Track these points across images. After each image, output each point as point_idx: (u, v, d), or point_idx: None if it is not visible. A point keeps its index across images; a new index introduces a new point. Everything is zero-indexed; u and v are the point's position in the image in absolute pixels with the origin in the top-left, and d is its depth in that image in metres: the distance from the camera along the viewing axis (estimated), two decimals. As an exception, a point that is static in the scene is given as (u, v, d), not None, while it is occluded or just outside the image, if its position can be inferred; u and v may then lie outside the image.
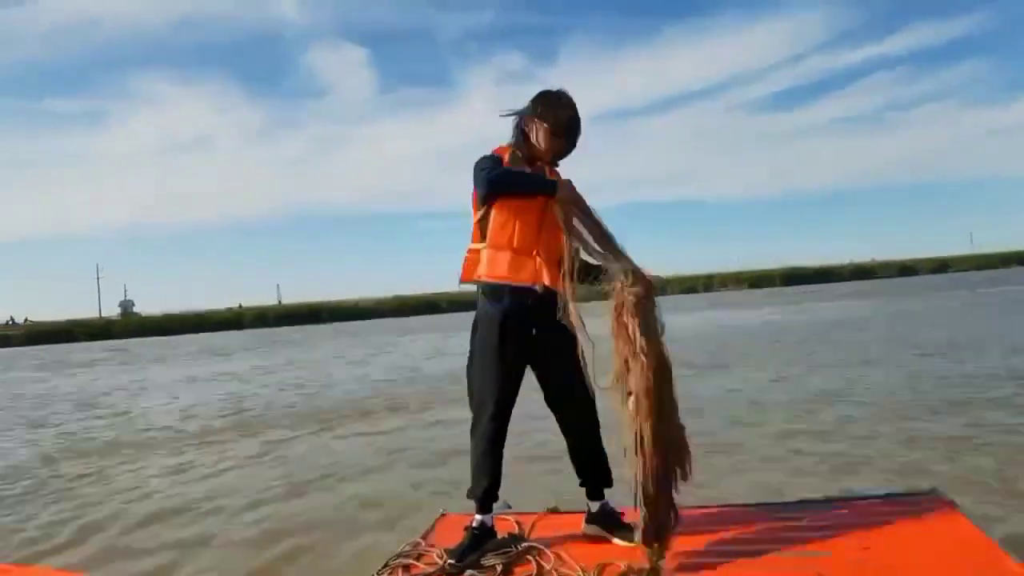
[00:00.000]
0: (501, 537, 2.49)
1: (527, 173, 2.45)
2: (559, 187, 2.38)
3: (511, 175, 2.41)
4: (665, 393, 2.12)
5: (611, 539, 2.45)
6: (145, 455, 6.65)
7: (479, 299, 2.50)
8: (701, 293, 55.57)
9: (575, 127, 2.50)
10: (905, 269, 64.94)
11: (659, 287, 2.25)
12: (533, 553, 2.35)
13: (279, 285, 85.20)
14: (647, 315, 2.14)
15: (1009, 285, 29.42)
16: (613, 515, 2.53)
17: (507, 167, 2.43)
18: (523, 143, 2.51)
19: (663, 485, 2.12)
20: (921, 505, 2.52)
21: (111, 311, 70.53)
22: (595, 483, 2.57)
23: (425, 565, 2.35)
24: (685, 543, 2.38)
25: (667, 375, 2.14)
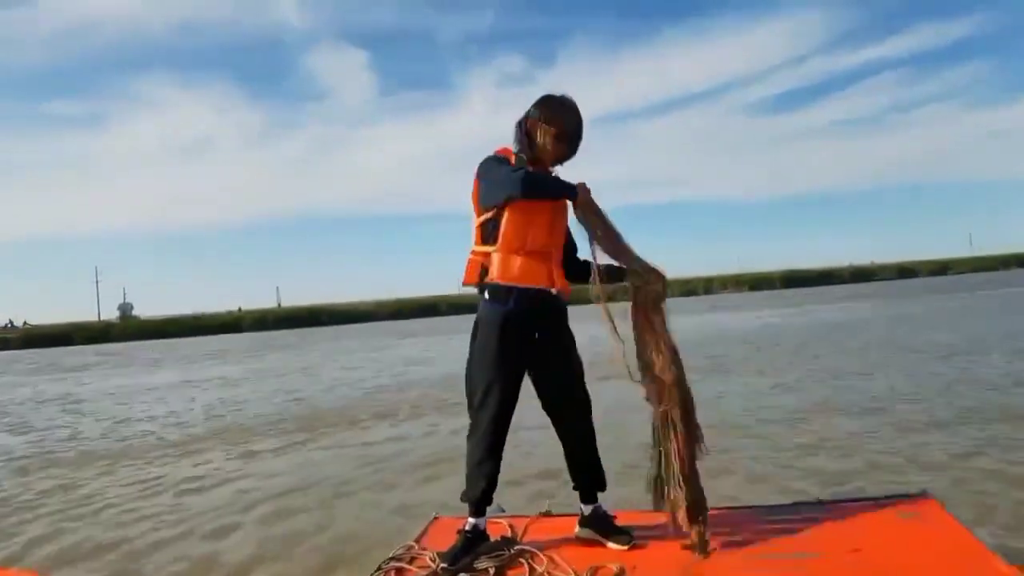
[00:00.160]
0: (494, 540, 2.49)
1: (554, 177, 2.45)
2: (579, 191, 2.41)
3: (541, 178, 2.40)
4: (686, 382, 2.36)
5: (605, 542, 2.46)
6: (116, 467, 6.30)
7: (481, 301, 2.47)
8: (701, 295, 55.51)
9: (580, 133, 2.51)
10: (905, 271, 64.96)
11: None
12: (526, 556, 2.36)
13: (279, 288, 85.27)
14: (665, 310, 2.37)
15: (1009, 287, 29.41)
16: (607, 518, 2.53)
17: (533, 170, 2.40)
18: (528, 146, 2.50)
19: (694, 466, 2.31)
20: (911, 507, 2.53)
21: (110, 314, 70.65)
22: (590, 487, 2.57)
23: (418, 568, 2.36)
24: (674, 546, 2.39)
25: (682, 365, 2.37)
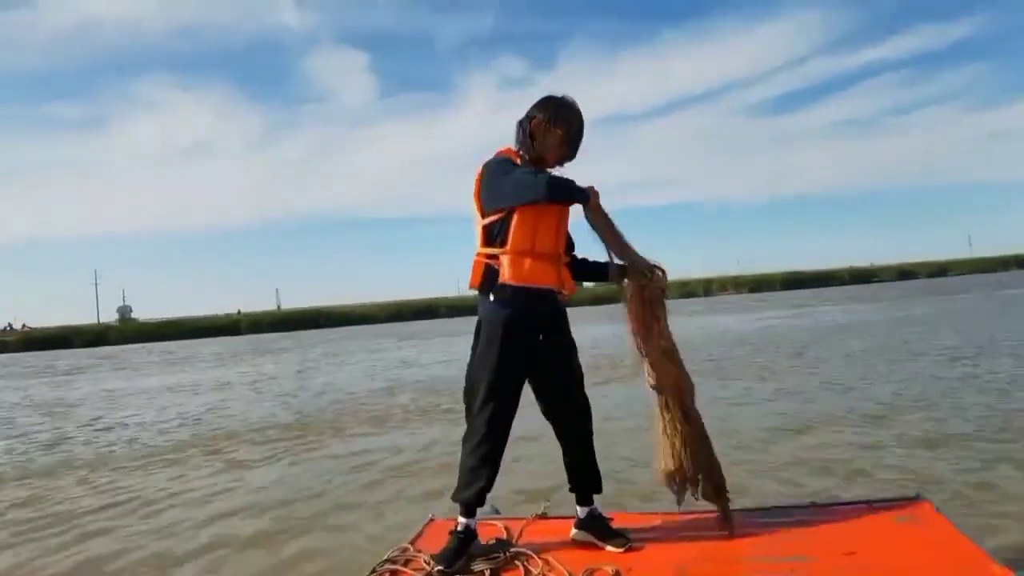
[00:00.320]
0: (489, 543, 2.49)
1: (573, 181, 2.42)
2: (591, 196, 2.42)
3: (564, 183, 2.38)
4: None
5: (601, 545, 2.45)
6: (95, 475, 6.19)
7: (486, 304, 2.45)
8: (700, 297, 55.52)
9: (582, 135, 2.53)
10: (904, 273, 65.03)
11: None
12: (521, 559, 2.35)
13: (278, 290, 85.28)
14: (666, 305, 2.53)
15: (1010, 288, 29.44)
16: (603, 521, 2.53)
17: (555, 175, 2.40)
18: (532, 147, 2.49)
19: (711, 447, 2.44)
20: (906, 510, 2.53)
21: (110, 316, 70.61)
22: (586, 489, 2.57)
23: (412, 570, 2.34)
24: (670, 549, 2.39)
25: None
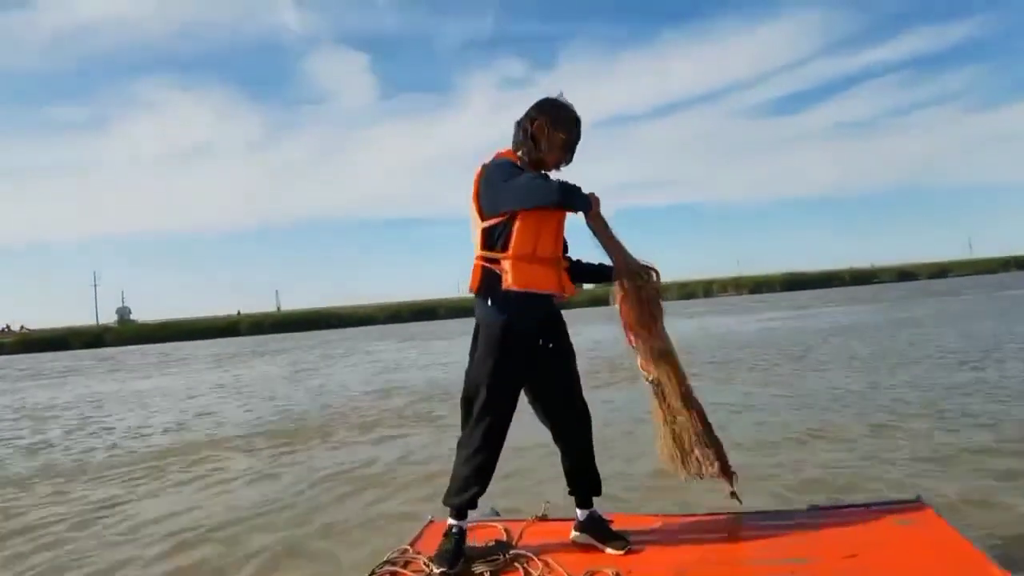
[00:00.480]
0: (489, 544, 2.49)
1: (580, 188, 2.41)
2: (594, 202, 2.42)
3: (573, 188, 2.37)
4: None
5: (600, 547, 2.45)
6: (70, 485, 5.96)
7: (485, 308, 2.43)
8: (700, 298, 55.54)
9: (580, 139, 2.54)
10: (905, 274, 65.07)
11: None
12: (521, 561, 2.35)
13: (278, 292, 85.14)
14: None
15: (1012, 290, 29.35)
16: (602, 523, 2.53)
17: (563, 180, 2.40)
18: (534, 149, 2.48)
19: (711, 428, 2.52)
20: (906, 513, 2.53)
21: (109, 318, 70.53)
22: (586, 492, 2.57)
23: (412, 572, 2.34)
24: (670, 551, 2.39)
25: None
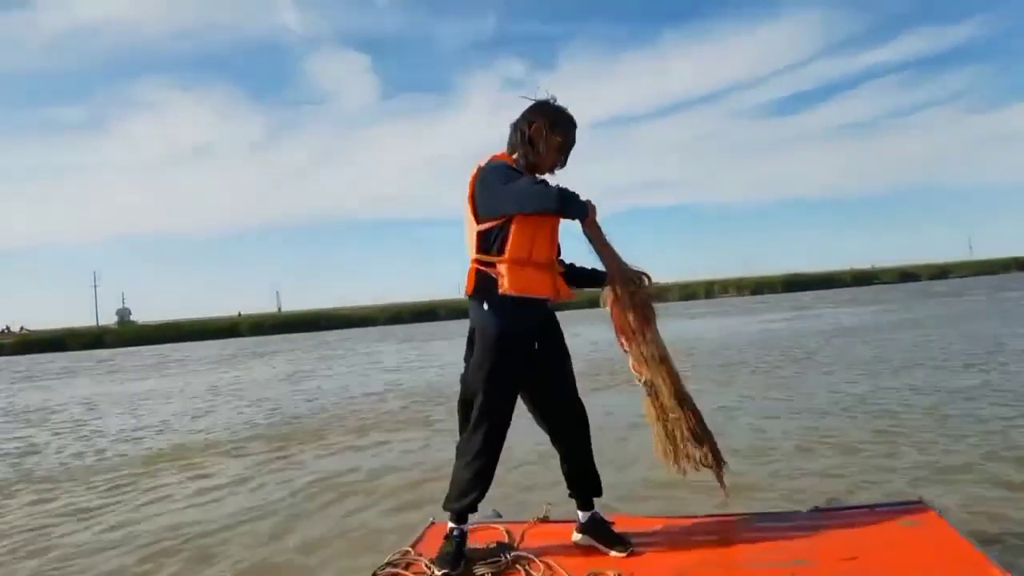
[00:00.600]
0: (490, 546, 2.48)
1: (578, 195, 2.38)
2: (591, 210, 2.42)
3: (572, 195, 2.35)
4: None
5: (602, 548, 2.45)
6: (54, 491, 5.89)
7: (480, 312, 2.42)
8: (702, 299, 55.48)
9: (575, 143, 2.54)
10: (906, 275, 64.99)
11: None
12: (523, 562, 2.35)
13: (279, 292, 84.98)
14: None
15: (1013, 291, 29.29)
16: (604, 525, 2.53)
17: (562, 186, 2.38)
18: (531, 152, 2.48)
19: (704, 423, 2.55)
20: (907, 515, 2.52)
21: (109, 319, 70.51)
22: (587, 494, 2.56)
23: (413, 574, 2.34)
24: (671, 553, 2.39)
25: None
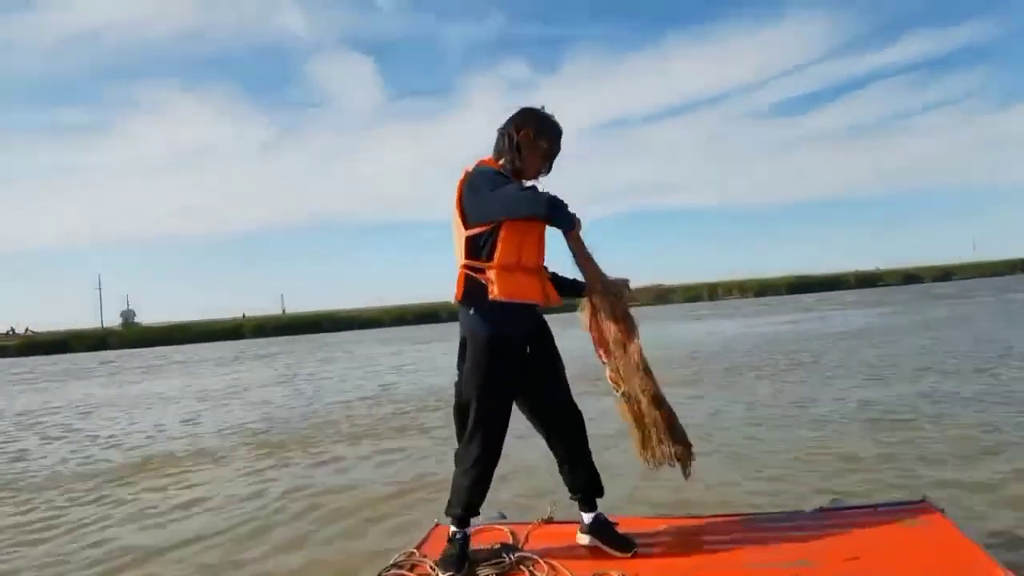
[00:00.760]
0: (494, 547, 2.50)
1: (567, 205, 2.39)
2: (576, 224, 2.43)
3: (561, 203, 2.36)
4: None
5: (606, 549, 2.45)
6: (36, 499, 5.78)
7: (470, 318, 2.42)
8: (706, 301, 55.36)
9: (560, 150, 2.57)
10: (910, 277, 64.74)
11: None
12: (527, 564, 2.35)
13: (283, 294, 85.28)
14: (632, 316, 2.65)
15: (1018, 292, 29.12)
16: (608, 526, 2.53)
17: (553, 195, 2.38)
18: (518, 158, 2.49)
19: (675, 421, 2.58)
20: (911, 515, 2.53)
21: (113, 321, 70.63)
22: (589, 495, 2.57)
23: (418, 576, 2.35)
24: (676, 553, 2.40)
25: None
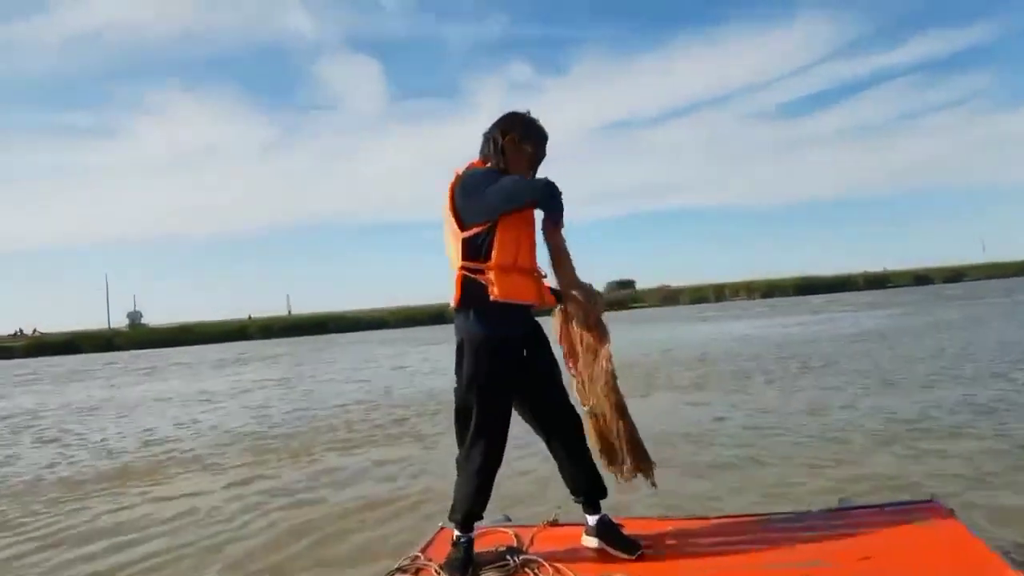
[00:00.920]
0: (499, 550, 2.48)
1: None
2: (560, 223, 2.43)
3: (559, 190, 2.37)
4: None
5: (612, 552, 2.43)
6: (12, 508, 5.64)
7: (467, 322, 2.40)
8: (712, 303, 55.30)
9: (545, 155, 2.58)
10: (919, 278, 64.44)
11: None
12: (532, 566, 2.34)
13: (289, 296, 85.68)
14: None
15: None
16: (614, 528, 2.51)
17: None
18: (504, 161, 2.49)
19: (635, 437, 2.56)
20: (920, 514, 2.51)
21: (120, 322, 71.07)
22: (592, 497, 2.55)
23: (423, 580, 2.34)
24: (682, 555, 2.38)
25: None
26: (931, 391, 7.77)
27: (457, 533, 2.45)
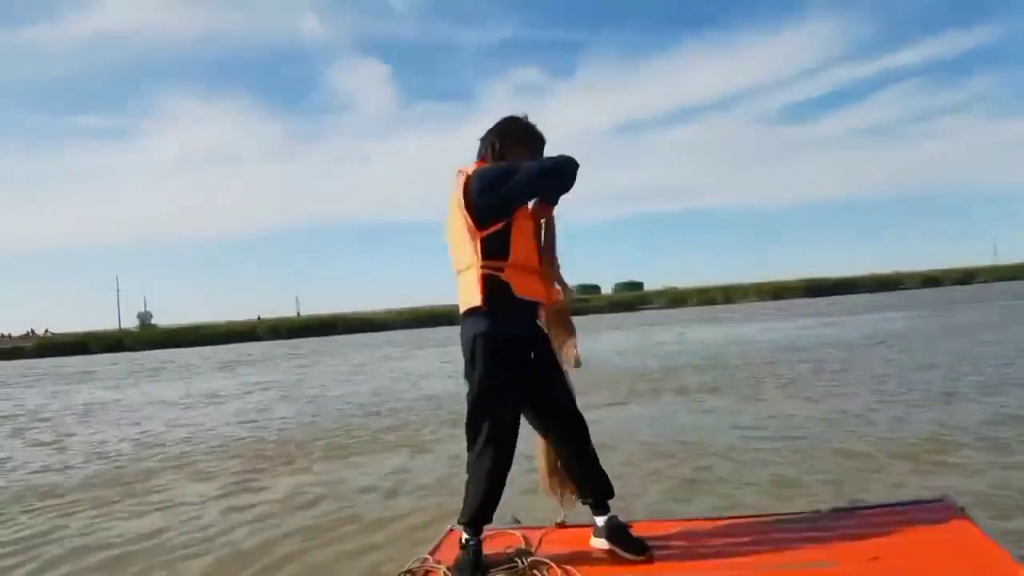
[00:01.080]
0: (508, 552, 2.48)
1: None
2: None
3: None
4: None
5: (620, 553, 2.42)
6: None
7: (475, 324, 2.38)
8: (721, 305, 55.03)
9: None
10: (930, 280, 63.91)
11: None
12: (540, 568, 2.34)
13: (298, 297, 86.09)
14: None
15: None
16: (622, 529, 2.50)
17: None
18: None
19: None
20: (931, 513, 2.50)
21: (131, 323, 71.53)
22: (599, 496, 2.54)
23: (431, 582, 2.34)
24: (691, 557, 2.37)
25: None
26: (944, 393, 7.67)
27: (466, 535, 2.45)
